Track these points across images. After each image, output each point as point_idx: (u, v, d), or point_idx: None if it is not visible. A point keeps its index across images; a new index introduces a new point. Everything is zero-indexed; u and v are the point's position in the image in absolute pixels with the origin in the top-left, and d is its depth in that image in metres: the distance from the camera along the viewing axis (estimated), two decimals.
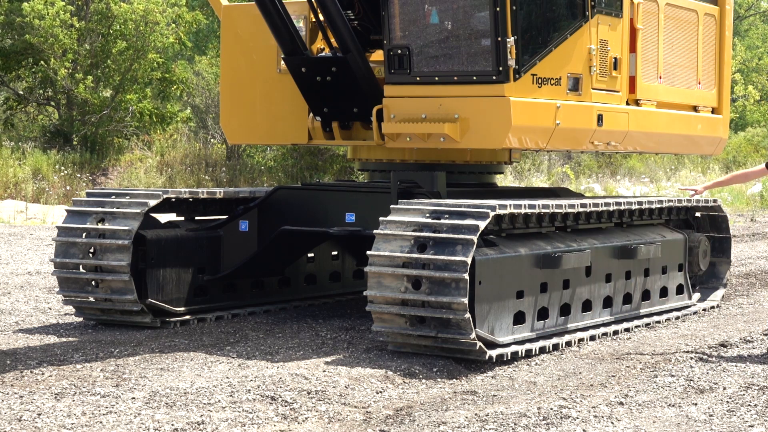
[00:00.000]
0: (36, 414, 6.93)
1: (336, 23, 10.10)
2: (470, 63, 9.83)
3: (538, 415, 7.16)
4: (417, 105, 9.95)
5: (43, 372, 8.15)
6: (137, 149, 29.81)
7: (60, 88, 28.14)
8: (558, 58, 10.10)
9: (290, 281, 11.66)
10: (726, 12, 12.56)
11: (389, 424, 6.96)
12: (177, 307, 10.36)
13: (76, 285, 10.10)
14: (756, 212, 26.21)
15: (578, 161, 33.70)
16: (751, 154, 36.83)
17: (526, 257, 9.37)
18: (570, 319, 9.97)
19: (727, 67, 12.70)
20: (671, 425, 7.00)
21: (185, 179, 28.03)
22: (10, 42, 28.88)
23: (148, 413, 7.00)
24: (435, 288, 8.53)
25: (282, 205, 10.71)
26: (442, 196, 9.97)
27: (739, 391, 7.91)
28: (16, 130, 30.03)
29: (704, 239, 12.06)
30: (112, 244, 9.80)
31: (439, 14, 9.90)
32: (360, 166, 11.48)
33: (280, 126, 11.08)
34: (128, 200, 10.07)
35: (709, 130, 12.49)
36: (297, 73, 10.46)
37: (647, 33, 11.21)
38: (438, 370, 8.50)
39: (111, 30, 28.34)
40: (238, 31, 11.25)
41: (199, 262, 10.58)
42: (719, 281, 12.53)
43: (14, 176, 25.88)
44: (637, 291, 11.00)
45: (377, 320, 8.86)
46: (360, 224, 10.14)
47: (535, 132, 10.07)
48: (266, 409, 7.20)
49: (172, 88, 30.07)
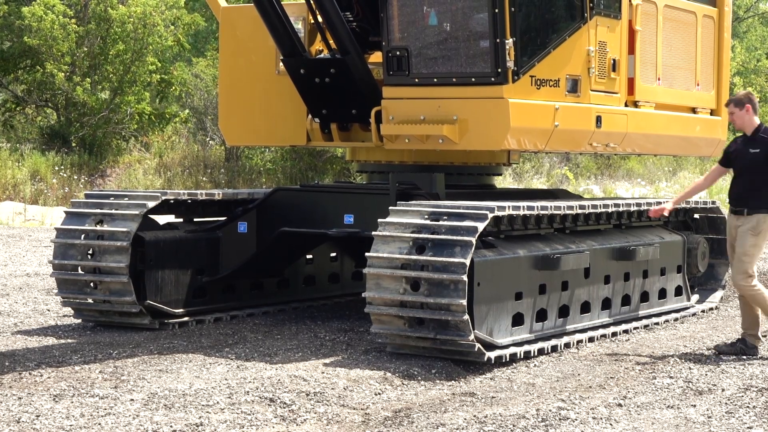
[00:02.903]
0: (34, 415, 6.93)
1: (335, 25, 10.10)
2: (469, 64, 9.83)
3: (536, 416, 7.16)
4: (416, 106, 9.94)
5: (42, 373, 8.15)
6: (135, 151, 29.81)
7: (58, 90, 28.13)
8: (557, 59, 10.10)
9: (289, 283, 11.66)
10: (725, 14, 12.56)
11: (388, 426, 6.96)
12: (175, 309, 10.36)
13: (75, 286, 10.10)
14: None
15: (577, 163, 33.70)
16: None
17: (525, 259, 9.37)
18: (569, 320, 9.97)
19: (725, 68, 12.71)
20: (670, 427, 7.00)
21: (184, 181, 28.02)
22: (8, 44, 28.88)
23: (146, 415, 7.00)
24: (434, 289, 8.53)
25: (281, 206, 10.71)
26: (440, 197, 9.97)
27: (738, 392, 7.91)
28: (14, 131, 30.02)
29: (703, 241, 12.06)
30: (111, 246, 9.80)
31: (438, 16, 9.90)
32: (359, 168, 11.48)
33: (278, 127, 11.08)
34: (127, 202, 10.07)
35: (707, 131, 12.49)
36: (296, 74, 10.46)
37: (646, 34, 11.21)
38: (437, 371, 8.50)
39: (109, 32, 28.34)
40: (237, 33, 11.25)
41: (197, 264, 10.57)
42: (718, 283, 12.54)
43: (13, 178, 25.87)
44: (636, 292, 11.00)
45: (376, 322, 8.85)
46: (359, 226, 10.14)
47: (533, 133, 10.07)
48: (265, 410, 7.20)
49: (171, 90, 30.05)
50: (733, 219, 9.41)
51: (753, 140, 9.38)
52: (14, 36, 28.49)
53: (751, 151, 9.33)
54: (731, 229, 9.47)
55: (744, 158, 9.37)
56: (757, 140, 9.35)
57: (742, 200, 9.34)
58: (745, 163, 9.36)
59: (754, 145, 9.34)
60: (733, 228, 9.42)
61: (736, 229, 9.38)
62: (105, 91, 28.80)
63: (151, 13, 28.07)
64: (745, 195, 9.33)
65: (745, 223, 9.30)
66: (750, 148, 9.35)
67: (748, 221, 9.29)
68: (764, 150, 9.28)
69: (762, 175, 9.28)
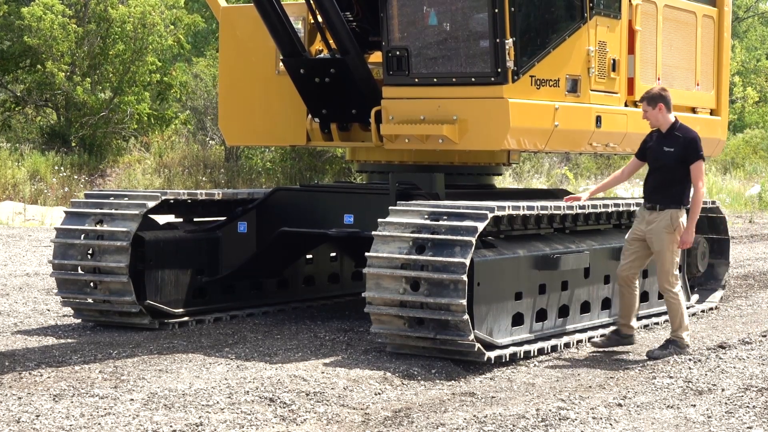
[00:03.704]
0: (34, 415, 6.93)
1: (334, 25, 10.10)
2: (469, 64, 9.83)
3: (536, 416, 7.16)
4: (416, 106, 9.95)
5: (42, 373, 8.15)
6: (135, 151, 29.81)
7: (58, 91, 28.13)
8: (556, 59, 10.10)
9: (289, 283, 11.65)
10: (724, 13, 12.56)
11: (388, 426, 6.96)
12: (175, 309, 10.36)
13: (75, 286, 10.09)
14: (755, 214, 26.22)
15: (577, 163, 33.71)
16: (749, 156, 36.83)
17: (525, 259, 9.37)
18: (569, 320, 9.97)
19: (725, 68, 12.71)
20: (670, 426, 7.00)
21: (183, 181, 28.03)
22: (8, 44, 28.88)
23: (146, 415, 7.00)
24: (433, 289, 8.53)
25: (281, 206, 10.71)
26: (440, 197, 9.97)
27: (738, 392, 7.91)
28: (14, 131, 30.01)
29: (703, 241, 12.06)
30: (111, 246, 9.80)
31: (438, 16, 9.90)
32: (358, 168, 11.48)
33: (278, 127, 11.08)
34: (127, 202, 10.07)
35: (707, 131, 12.47)
36: (295, 74, 10.46)
37: (646, 34, 11.21)
38: (436, 371, 8.50)
39: (109, 32, 28.34)
40: (237, 33, 11.25)
41: (197, 264, 10.57)
42: (718, 283, 12.53)
43: (12, 178, 25.88)
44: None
45: (376, 322, 8.85)
46: (359, 225, 10.14)
47: (533, 133, 10.07)
48: (265, 410, 7.20)
49: (170, 91, 30.04)
50: (646, 213, 9.36)
51: (668, 137, 9.32)
52: (14, 36, 28.50)
53: (665, 149, 9.28)
54: (641, 222, 9.38)
55: (658, 155, 9.33)
56: (671, 138, 9.30)
57: (656, 196, 9.31)
58: (659, 160, 9.32)
59: (668, 143, 9.28)
60: (644, 222, 9.36)
61: (647, 224, 9.33)
62: (105, 91, 28.81)
63: (150, 13, 28.08)
64: (659, 191, 9.29)
65: (659, 220, 9.25)
66: (664, 146, 9.30)
67: (661, 218, 9.25)
68: (678, 149, 9.24)
69: (675, 172, 9.26)
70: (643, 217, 9.39)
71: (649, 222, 9.31)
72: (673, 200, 9.25)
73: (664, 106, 9.31)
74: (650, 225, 9.30)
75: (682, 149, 9.23)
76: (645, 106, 9.38)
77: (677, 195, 9.26)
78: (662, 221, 9.24)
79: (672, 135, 9.31)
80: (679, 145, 9.24)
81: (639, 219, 9.46)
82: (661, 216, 9.24)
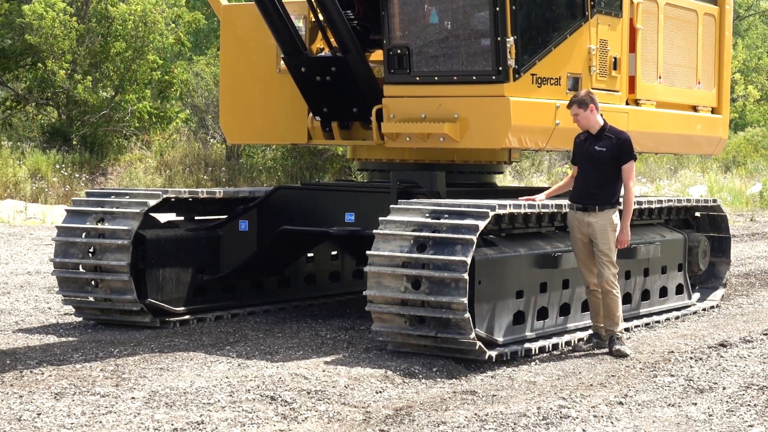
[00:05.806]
0: (36, 414, 6.93)
1: (335, 23, 10.10)
2: (470, 63, 9.83)
3: (537, 414, 7.16)
4: (416, 105, 9.94)
5: (43, 372, 8.15)
6: (136, 149, 29.81)
7: (59, 89, 28.14)
8: (558, 58, 10.10)
9: (290, 281, 11.66)
10: (726, 12, 12.56)
11: (389, 424, 6.96)
12: (176, 307, 10.36)
13: (76, 285, 10.10)
14: (756, 212, 26.21)
15: None
16: (750, 154, 36.83)
17: (526, 257, 9.37)
18: (569, 318, 9.97)
19: (726, 66, 12.70)
20: (671, 425, 7.00)
21: (184, 179, 28.04)
22: (9, 42, 28.88)
23: (147, 413, 7.00)
24: (434, 288, 8.53)
25: (281, 205, 10.71)
26: (441, 195, 9.96)
27: (739, 390, 7.91)
28: (15, 130, 30.01)
29: (704, 239, 12.06)
30: (112, 244, 9.80)
31: (439, 14, 9.90)
32: (359, 166, 11.48)
33: (279, 126, 11.08)
34: (128, 200, 10.07)
35: (708, 129, 12.49)
36: (296, 73, 10.46)
37: (647, 33, 11.21)
38: (437, 369, 8.50)
39: (110, 30, 28.34)
40: (238, 31, 11.25)
41: (198, 262, 10.58)
42: (719, 281, 12.53)
43: (14, 176, 25.89)
44: (637, 291, 11.00)
45: (377, 320, 8.86)
46: (359, 224, 10.13)
47: (534, 132, 10.07)
48: (266, 408, 7.20)
49: (171, 90, 30.05)
50: (582, 215, 9.34)
51: (599, 138, 9.32)
52: (15, 34, 28.50)
53: (597, 149, 9.28)
54: (580, 225, 9.34)
55: (590, 156, 9.32)
56: (603, 138, 9.30)
57: (591, 197, 9.30)
58: (591, 160, 9.32)
59: (600, 144, 9.29)
60: (583, 224, 9.33)
61: (587, 225, 9.31)
62: (106, 90, 28.81)
63: (151, 11, 28.08)
64: (594, 191, 9.28)
65: (600, 219, 9.25)
66: (596, 145, 9.30)
67: (601, 217, 9.25)
68: (610, 148, 9.26)
69: (608, 171, 9.27)
70: (580, 220, 9.35)
71: (589, 224, 9.29)
72: (607, 200, 9.28)
73: (595, 107, 9.33)
74: (591, 226, 9.28)
75: (616, 149, 9.26)
76: (576, 109, 9.37)
77: (611, 195, 9.31)
78: (603, 219, 9.26)
79: (603, 136, 9.34)
80: (612, 145, 9.27)
81: (574, 225, 9.40)
82: (600, 216, 9.25)
